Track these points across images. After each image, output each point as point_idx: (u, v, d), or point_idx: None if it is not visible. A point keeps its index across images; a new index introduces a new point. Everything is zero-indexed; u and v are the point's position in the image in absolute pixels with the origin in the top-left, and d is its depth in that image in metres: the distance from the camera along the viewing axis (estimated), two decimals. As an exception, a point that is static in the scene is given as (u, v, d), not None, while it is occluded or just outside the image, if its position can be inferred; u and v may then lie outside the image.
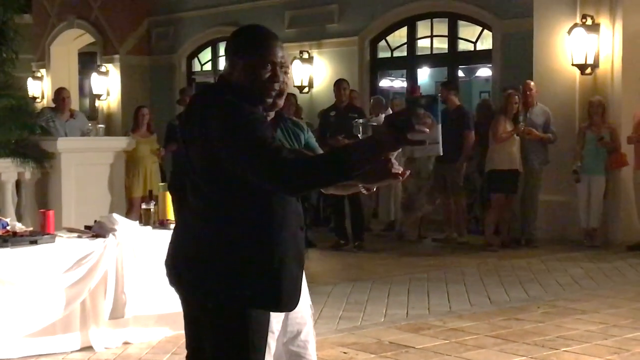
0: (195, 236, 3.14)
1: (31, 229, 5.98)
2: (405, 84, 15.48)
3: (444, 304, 7.62)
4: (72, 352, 5.97)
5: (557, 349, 6.06)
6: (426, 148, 2.93)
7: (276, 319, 3.71)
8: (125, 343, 6.20)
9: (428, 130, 2.84)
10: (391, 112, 10.05)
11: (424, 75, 16.56)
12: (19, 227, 5.62)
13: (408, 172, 3.42)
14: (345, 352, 6.04)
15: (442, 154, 2.89)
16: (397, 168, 3.22)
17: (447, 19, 14.00)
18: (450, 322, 6.91)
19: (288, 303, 3.17)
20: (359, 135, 3.30)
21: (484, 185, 11.13)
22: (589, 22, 11.09)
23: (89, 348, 6.03)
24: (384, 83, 16.70)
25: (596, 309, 7.30)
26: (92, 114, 19.36)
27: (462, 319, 7.03)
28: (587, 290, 8.21)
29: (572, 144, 10.89)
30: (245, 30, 3.26)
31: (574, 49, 11.12)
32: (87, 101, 21.13)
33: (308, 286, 3.77)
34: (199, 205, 3.14)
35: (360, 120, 3.27)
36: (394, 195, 12.06)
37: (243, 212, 3.07)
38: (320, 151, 3.50)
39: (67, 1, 19.49)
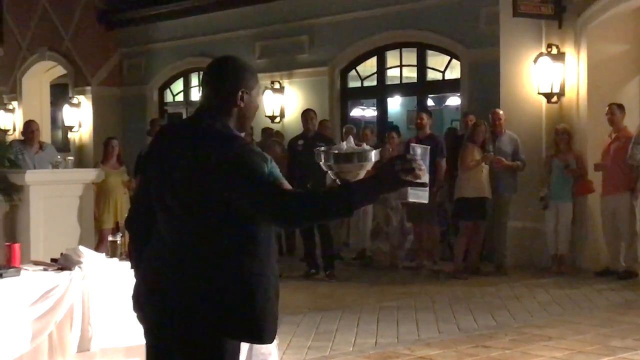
0: (177, 268, 3.17)
1: (-4, 262, 5.97)
2: (376, 113, 15.61)
3: (412, 332, 7.66)
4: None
5: (523, 376, 6.12)
6: (418, 193, 3.06)
7: (242, 349, 3.74)
8: (93, 376, 6.18)
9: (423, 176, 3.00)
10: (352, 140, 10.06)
11: (394, 104, 16.70)
12: (-16, 261, 5.61)
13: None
14: (312, 382, 6.06)
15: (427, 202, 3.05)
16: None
17: (415, 49, 14.15)
18: (418, 350, 6.95)
19: (270, 336, 3.23)
20: (320, 163, 3.37)
21: (454, 212, 11.21)
22: (554, 51, 11.26)
23: (55, 381, 6.01)
24: (356, 112, 16.85)
25: (563, 335, 7.37)
26: (65, 146, 19.32)
27: (430, 346, 7.08)
28: (554, 317, 8.29)
29: (540, 171, 11.03)
30: (238, 61, 3.35)
31: (539, 78, 11.28)
32: (59, 133, 21.09)
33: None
34: (178, 236, 3.18)
35: (322, 148, 3.33)
36: (363, 223, 12.10)
37: (231, 243, 3.13)
38: (284, 181, 3.57)
39: (39, 33, 19.49)
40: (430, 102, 15.88)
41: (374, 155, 3.30)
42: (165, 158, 3.22)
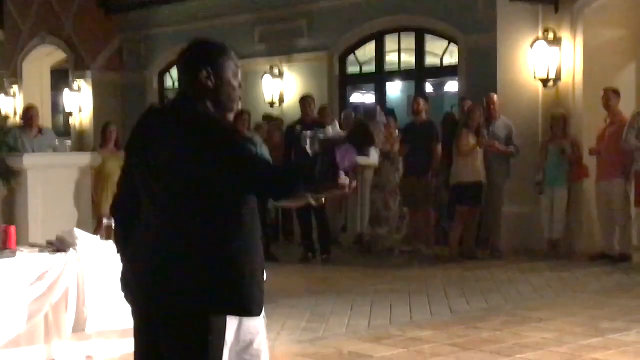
0: (163, 250, 3.23)
1: (-8, 245, 6.06)
2: (374, 98, 15.68)
3: (405, 315, 7.75)
4: (35, 366, 6.04)
5: (512, 356, 6.19)
6: (364, 157, 3.23)
7: (229, 330, 3.82)
8: (89, 357, 6.26)
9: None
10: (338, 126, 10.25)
11: (395, 89, 16.75)
12: (-20, 243, 5.71)
13: (355, 183, 3.62)
14: (304, 363, 6.15)
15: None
16: (345, 179, 3.47)
17: (414, 34, 14.19)
18: (410, 331, 7.04)
19: (258, 310, 3.32)
20: (306, 147, 3.47)
21: (450, 198, 11.29)
22: (550, 36, 11.31)
23: (53, 362, 6.12)
24: (356, 98, 16.90)
25: (553, 317, 7.46)
26: (66, 131, 19.40)
27: (422, 328, 7.16)
28: (546, 299, 8.38)
29: (535, 157, 11.08)
30: (213, 44, 3.42)
31: (536, 63, 11.33)
32: (61, 118, 21.17)
33: (272, 299, 3.88)
34: (163, 219, 3.25)
35: (308, 132, 3.43)
36: (361, 208, 12.17)
37: (216, 224, 3.21)
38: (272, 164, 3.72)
39: (40, 17, 19.54)
40: (429, 88, 15.93)
41: None
42: (148, 144, 3.29)
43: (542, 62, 11.27)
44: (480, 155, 10.75)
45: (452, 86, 16.35)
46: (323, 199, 3.83)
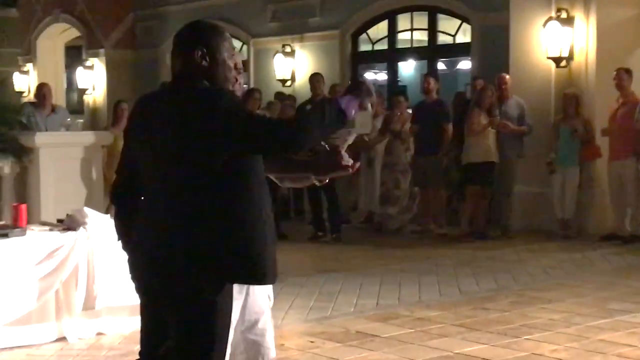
0: (175, 224, 3.25)
1: (3, 222, 6.12)
2: (387, 77, 15.66)
3: (414, 295, 7.77)
4: (47, 343, 6.10)
5: (518, 337, 6.22)
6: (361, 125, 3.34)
7: (234, 309, 3.85)
8: (99, 334, 6.34)
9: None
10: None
11: (408, 68, 16.70)
12: (-10, 221, 5.76)
13: (358, 164, 3.67)
14: (312, 342, 6.19)
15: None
16: (347, 160, 3.52)
17: (427, 12, 14.14)
18: (418, 311, 7.07)
19: (271, 277, 3.37)
20: None
21: (461, 178, 11.28)
22: (563, 15, 11.24)
23: (64, 339, 6.18)
24: (368, 76, 16.87)
25: (562, 298, 7.47)
26: (80, 109, 19.45)
27: (430, 308, 7.19)
28: (555, 280, 8.38)
29: (547, 136, 11.06)
30: (206, 24, 3.49)
31: (549, 42, 11.28)
32: (75, 95, 21.23)
33: (281, 278, 3.91)
34: (173, 193, 3.27)
35: (308, 107, 3.54)
36: (371, 187, 12.19)
37: (225, 195, 3.23)
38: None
39: (52, -6, 19.57)
40: (441, 66, 15.89)
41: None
42: (149, 125, 3.31)
43: (555, 41, 11.21)
44: (492, 135, 10.72)
45: (465, 64, 16.30)
46: (327, 179, 3.87)
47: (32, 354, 5.92)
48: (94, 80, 18.80)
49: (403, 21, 14.61)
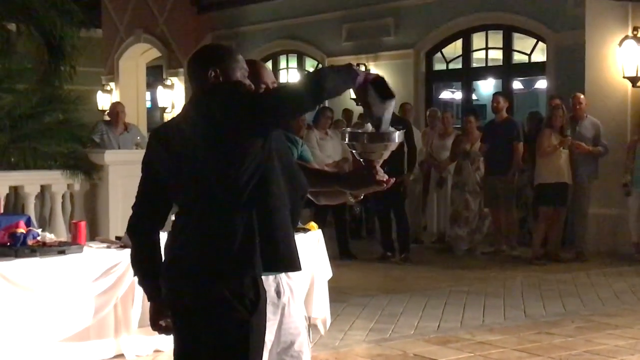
0: (209, 226, 3.23)
1: (61, 239, 6.22)
2: (461, 96, 15.51)
3: (477, 318, 7.63)
4: (105, 359, 6.16)
5: (580, 364, 6.05)
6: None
7: (269, 330, 3.82)
8: (156, 351, 6.36)
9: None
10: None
11: (485, 87, 16.51)
12: (49, 237, 5.84)
13: (393, 180, 3.59)
14: (367, 364, 6.12)
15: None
16: (382, 175, 3.45)
17: (501, 31, 13.97)
18: (479, 335, 6.92)
19: (297, 264, 3.37)
20: (345, 142, 3.49)
21: (534, 199, 11.06)
22: (640, 34, 10.99)
23: (122, 356, 6.22)
24: (445, 95, 16.76)
25: (631, 324, 7.23)
26: (160, 127, 19.74)
27: (493, 332, 7.04)
28: (626, 306, 8.12)
29: (623, 157, 10.77)
30: (218, 46, 3.59)
31: (625, 62, 11.03)
32: (157, 113, 21.62)
33: (344, 297, 3.86)
34: (206, 199, 3.24)
35: (348, 129, 3.44)
36: (443, 207, 12.06)
37: (249, 195, 3.19)
38: (313, 163, 3.80)
39: (135, 16, 20.02)
40: (519, 85, 15.66)
41: (397, 136, 3.36)
42: (169, 146, 3.31)
43: (631, 60, 10.96)
44: (565, 155, 10.48)
45: (543, 84, 16.03)
46: (361, 196, 3.80)
47: (90, 370, 5.99)
48: (173, 98, 19.11)
49: (478, 40, 14.47)
